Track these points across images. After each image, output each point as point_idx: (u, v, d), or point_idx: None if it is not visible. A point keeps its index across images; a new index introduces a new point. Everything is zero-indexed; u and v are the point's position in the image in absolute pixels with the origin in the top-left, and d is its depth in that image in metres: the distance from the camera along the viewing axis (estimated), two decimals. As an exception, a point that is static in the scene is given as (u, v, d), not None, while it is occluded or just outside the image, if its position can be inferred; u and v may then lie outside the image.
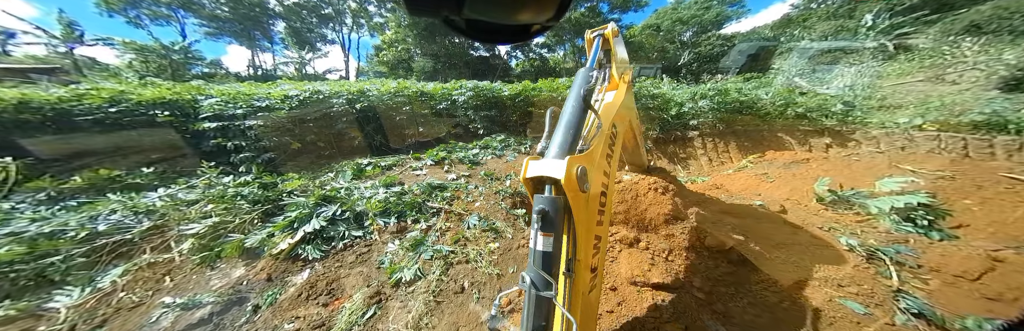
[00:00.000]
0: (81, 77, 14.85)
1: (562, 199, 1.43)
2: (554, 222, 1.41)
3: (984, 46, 9.59)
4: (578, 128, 1.62)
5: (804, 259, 3.57)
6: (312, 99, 7.60)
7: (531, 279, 1.36)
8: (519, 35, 0.65)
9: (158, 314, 3.27)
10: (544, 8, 0.54)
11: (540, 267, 1.38)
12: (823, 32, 13.98)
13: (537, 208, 1.40)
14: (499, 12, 0.55)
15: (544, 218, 1.40)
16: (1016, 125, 6.14)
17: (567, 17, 29.13)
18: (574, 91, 1.75)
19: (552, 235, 1.40)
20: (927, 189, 5.02)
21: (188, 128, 6.15)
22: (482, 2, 0.50)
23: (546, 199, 1.42)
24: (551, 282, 1.35)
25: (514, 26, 0.62)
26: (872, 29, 12.21)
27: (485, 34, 0.62)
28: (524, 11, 0.55)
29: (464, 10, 0.50)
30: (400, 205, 4.69)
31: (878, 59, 11.79)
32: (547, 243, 1.39)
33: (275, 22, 37.81)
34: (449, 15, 0.53)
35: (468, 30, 0.60)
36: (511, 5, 0.53)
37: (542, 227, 1.40)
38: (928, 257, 3.66)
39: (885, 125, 7.59)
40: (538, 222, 1.39)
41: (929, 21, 11.67)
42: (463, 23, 0.58)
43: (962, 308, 2.93)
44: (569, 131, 1.60)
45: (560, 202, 1.43)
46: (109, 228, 3.99)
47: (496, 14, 0.55)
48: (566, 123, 1.63)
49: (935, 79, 9.69)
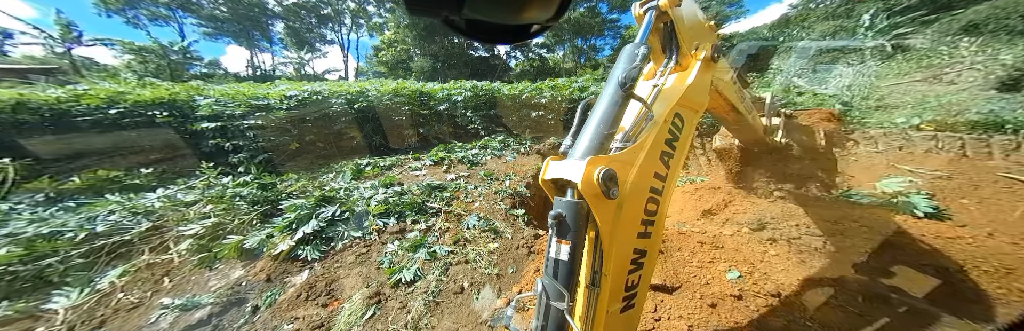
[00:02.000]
0: (79, 78, 14.82)
1: (584, 204, 1.25)
2: (572, 229, 1.24)
3: (981, 46, 9.62)
4: (611, 123, 1.34)
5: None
6: (310, 99, 7.59)
7: (544, 287, 1.23)
8: (519, 35, 0.65)
9: (157, 315, 3.27)
10: (544, 8, 0.54)
11: (553, 276, 1.24)
12: (822, 32, 14.01)
13: (553, 212, 1.21)
14: (499, 12, 0.55)
15: (560, 224, 1.22)
16: (1014, 125, 6.16)
17: (566, 17, 29.18)
18: (613, 77, 1.40)
19: (569, 243, 1.23)
20: (926, 189, 5.04)
21: (186, 128, 6.14)
22: (482, 2, 0.50)
23: (565, 203, 1.24)
24: (563, 293, 1.20)
25: (514, 26, 0.62)
26: (870, 29, 12.24)
27: (485, 34, 0.62)
28: (524, 11, 0.55)
29: (464, 10, 0.50)
30: (399, 205, 4.69)
31: (876, 59, 11.81)
32: (562, 251, 1.22)
33: (274, 22, 37.81)
34: (449, 15, 0.53)
35: (468, 30, 0.60)
36: (511, 5, 0.53)
37: (558, 233, 1.23)
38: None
39: (883, 125, 7.61)
40: (554, 227, 1.23)
41: (927, 21, 11.70)
42: (463, 23, 0.58)
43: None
44: (600, 126, 1.33)
45: (581, 207, 1.24)
46: (107, 229, 3.98)
47: (496, 14, 0.55)
48: (599, 117, 1.35)
49: (933, 79, 9.71)
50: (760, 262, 3.47)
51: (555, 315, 1.21)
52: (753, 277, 3.30)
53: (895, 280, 3.23)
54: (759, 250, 3.65)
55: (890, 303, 2.96)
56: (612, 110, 1.34)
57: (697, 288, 3.16)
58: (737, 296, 3.06)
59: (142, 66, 20.91)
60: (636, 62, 1.37)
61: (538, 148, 7.97)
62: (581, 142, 1.33)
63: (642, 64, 1.39)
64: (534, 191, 5.70)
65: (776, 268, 3.37)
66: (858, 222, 4.03)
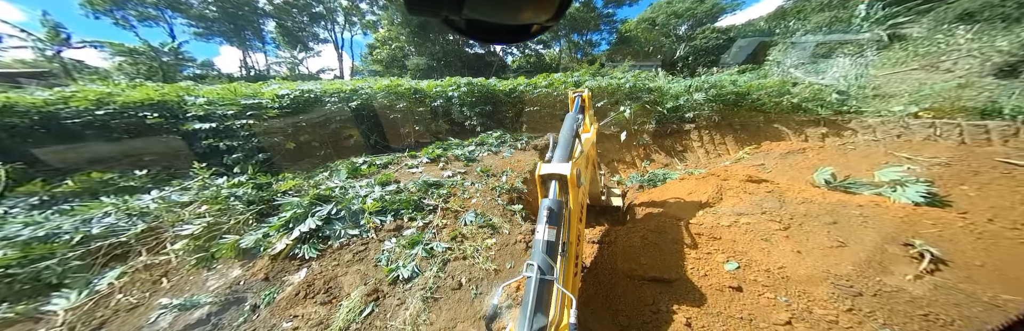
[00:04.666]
0: (70, 81, 14.67)
1: (565, 200, 2.04)
2: (557, 217, 1.82)
3: (977, 34, 9.57)
4: (571, 148, 2.47)
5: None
6: (302, 98, 7.52)
7: (538, 264, 1.64)
8: (519, 35, 0.66)
9: (156, 315, 3.26)
10: (544, 8, 0.55)
11: (545, 252, 1.70)
12: (818, 23, 13.91)
13: (545, 206, 1.85)
14: (499, 12, 0.56)
15: (551, 214, 1.81)
16: (1012, 111, 6.15)
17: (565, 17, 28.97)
18: (567, 126, 2.72)
19: (556, 228, 1.78)
20: (925, 176, 5.03)
21: (178, 129, 6.08)
22: (482, 2, 0.50)
23: (553, 200, 1.90)
24: (553, 266, 1.67)
25: (514, 26, 0.62)
26: (866, 20, 12.16)
27: (485, 34, 0.63)
28: (524, 11, 0.55)
29: (464, 10, 0.50)
30: (396, 203, 4.66)
31: (872, 49, 11.76)
32: (551, 234, 1.75)
33: (265, 21, 37.37)
34: (449, 15, 0.54)
35: (468, 30, 0.61)
36: (511, 5, 0.54)
37: (549, 221, 1.79)
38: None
39: (881, 114, 7.60)
40: (545, 216, 1.81)
41: (922, 10, 11.63)
42: (463, 23, 0.59)
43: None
44: (565, 147, 2.43)
45: (563, 202, 1.96)
46: (103, 231, 3.95)
47: (496, 14, 0.56)
48: (563, 143, 2.48)
49: (929, 67, 9.68)
50: (759, 252, 3.46)
51: (546, 288, 1.62)
52: (752, 268, 3.29)
53: (893, 270, 3.22)
54: (758, 241, 3.64)
55: (890, 296, 2.96)
56: (568, 142, 2.51)
57: (696, 279, 3.16)
58: (736, 288, 3.06)
59: (134, 68, 20.71)
60: (578, 122, 2.92)
61: (535, 144, 7.94)
62: (558, 154, 2.39)
63: (581, 123, 3.08)
64: (531, 187, 5.68)
65: (776, 259, 3.37)
66: (857, 211, 4.02)
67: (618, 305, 3.00)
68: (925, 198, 4.48)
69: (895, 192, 4.68)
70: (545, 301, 1.58)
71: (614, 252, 3.64)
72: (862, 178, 5.34)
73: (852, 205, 4.16)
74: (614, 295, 3.13)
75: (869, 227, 3.77)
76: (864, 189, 5.02)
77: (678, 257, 3.43)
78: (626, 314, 2.91)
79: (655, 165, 8.62)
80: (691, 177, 6.10)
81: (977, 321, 2.66)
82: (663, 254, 3.48)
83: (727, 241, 3.67)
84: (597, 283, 3.33)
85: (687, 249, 3.53)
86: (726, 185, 5.01)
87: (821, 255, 3.43)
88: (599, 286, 3.28)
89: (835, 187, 5.20)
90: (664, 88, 9.66)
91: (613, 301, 3.07)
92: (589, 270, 3.59)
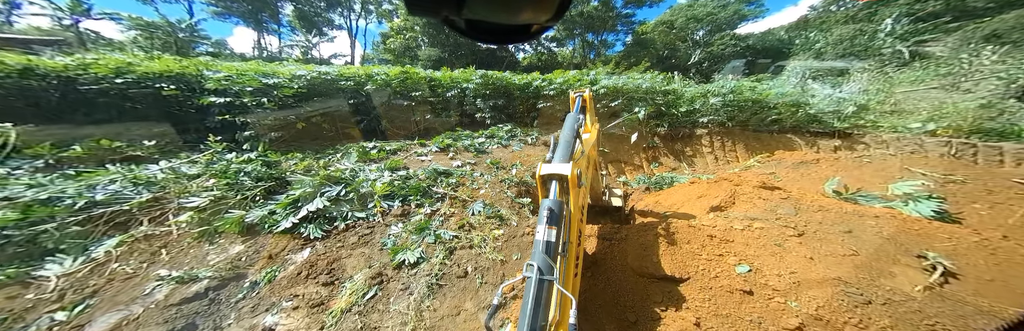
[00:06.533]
0: (85, 50, 14.59)
1: (565, 200, 2.01)
2: (557, 218, 1.80)
3: (1003, 55, 9.45)
4: (571, 148, 2.38)
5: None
6: (318, 79, 7.46)
7: (537, 265, 1.61)
8: (519, 35, 0.66)
9: (152, 286, 3.21)
10: (544, 8, 0.55)
11: (545, 253, 1.67)
12: (840, 36, 13.76)
13: (545, 206, 1.83)
14: (499, 12, 0.56)
15: (551, 214, 1.79)
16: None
17: (580, 11, 28.74)
18: (568, 126, 2.63)
19: (556, 228, 1.76)
20: (938, 192, 4.96)
21: (193, 103, 6.03)
22: (482, 2, 0.50)
23: (554, 201, 1.87)
24: (553, 266, 1.64)
25: (514, 26, 0.62)
26: (891, 35, 12.01)
27: (485, 34, 0.63)
28: (524, 11, 0.55)
29: (464, 10, 0.50)
30: (405, 189, 4.61)
31: (892, 65, 11.63)
32: (551, 234, 1.73)
33: (283, 4, 37.23)
34: (449, 15, 0.54)
35: (468, 30, 0.60)
36: (511, 5, 0.54)
37: (549, 221, 1.76)
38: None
39: (897, 129, 7.51)
40: (545, 217, 1.78)
41: (950, 29, 11.48)
42: (463, 23, 0.58)
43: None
44: (566, 148, 2.35)
45: (563, 202, 1.93)
46: (107, 198, 3.90)
47: (496, 14, 0.56)
48: (564, 144, 2.40)
49: (949, 87, 9.57)
50: (771, 257, 3.40)
51: (546, 288, 1.60)
52: (763, 272, 3.23)
53: (904, 280, 3.16)
54: (771, 246, 3.57)
55: (899, 305, 2.90)
56: (569, 143, 2.42)
57: (706, 281, 3.09)
58: (746, 291, 2.99)
59: (148, 42, 20.63)
60: (579, 122, 2.81)
61: (545, 140, 7.87)
62: (558, 154, 2.32)
63: (582, 123, 2.99)
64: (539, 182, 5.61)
65: (788, 264, 3.30)
66: (873, 222, 3.96)
67: (627, 301, 2.94)
68: (937, 213, 4.45)
69: (907, 206, 4.64)
70: (545, 301, 1.56)
71: (624, 249, 3.57)
72: (874, 191, 5.26)
73: (868, 215, 4.09)
74: (623, 291, 3.07)
75: (883, 237, 3.70)
76: (875, 202, 4.95)
77: (689, 258, 3.36)
78: (634, 310, 2.85)
79: (662, 168, 8.53)
80: (702, 181, 6.02)
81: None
82: (674, 254, 3.41)
83: (739, 244, 3.60)
84: (606, 279, 3.27)
85: (698, 250, 3.46)
86: (739, 190, 4.93)
87: (834, 262, 3.36)
88: (608, 282, 3.22)
89: (845, 198, 5.13)
90: (680, 91, 9.56)
91: (622, 297, 3.01)
92: (598, 266, 3.53)
